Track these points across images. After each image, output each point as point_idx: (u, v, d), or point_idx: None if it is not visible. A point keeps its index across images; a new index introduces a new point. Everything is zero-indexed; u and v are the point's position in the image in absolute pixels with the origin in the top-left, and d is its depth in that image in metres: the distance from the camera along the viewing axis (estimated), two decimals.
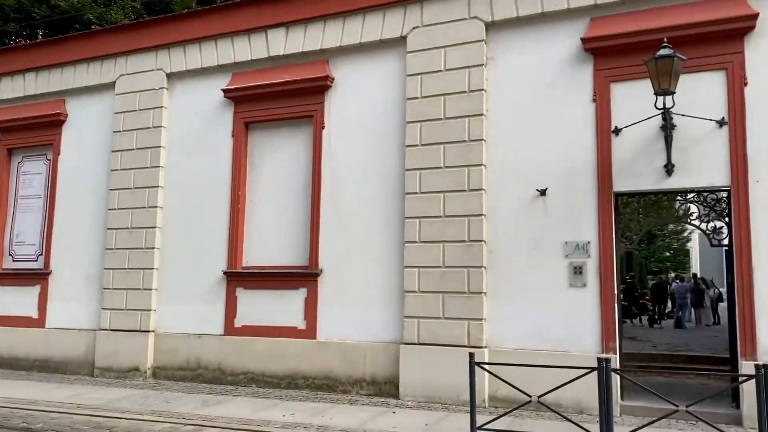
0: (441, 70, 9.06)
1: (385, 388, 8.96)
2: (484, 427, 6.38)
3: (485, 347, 8.39)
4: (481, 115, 8.77)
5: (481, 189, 8.66)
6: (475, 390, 6.45)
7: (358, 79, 9.81)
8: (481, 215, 8.62)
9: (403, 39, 9.41)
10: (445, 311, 8.63)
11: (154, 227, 10.88)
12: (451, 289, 8.64)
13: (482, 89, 8.80)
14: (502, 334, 8.43)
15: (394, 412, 8.02)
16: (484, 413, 7.48)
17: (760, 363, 5.74)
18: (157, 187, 10.96)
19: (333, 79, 9.93)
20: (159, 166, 11.01)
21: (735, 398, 7.55)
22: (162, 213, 10.98)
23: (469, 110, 8.82)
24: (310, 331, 9.55)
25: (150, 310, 10.71)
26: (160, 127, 11.10)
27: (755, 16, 7.51)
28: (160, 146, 11.05)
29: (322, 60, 10.07)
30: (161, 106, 11.16)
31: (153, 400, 8.89)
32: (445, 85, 9.00)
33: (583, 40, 8.30)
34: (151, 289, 10.76)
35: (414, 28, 9.31)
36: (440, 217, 8.82)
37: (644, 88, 7.67)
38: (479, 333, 8.42)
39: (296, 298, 9.71)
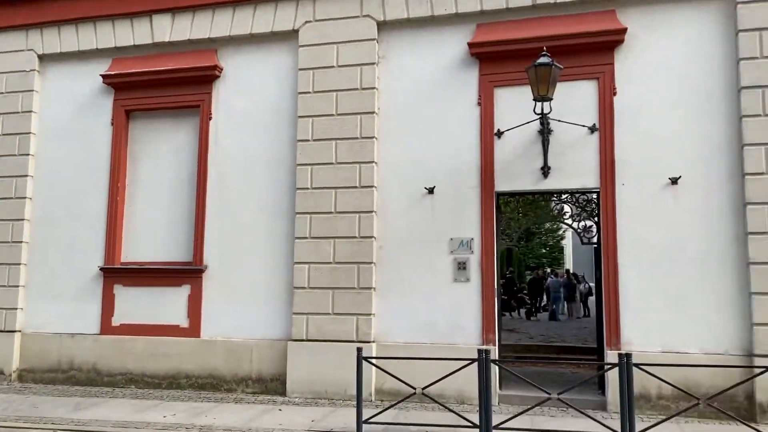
0: (333, 66, 9.06)
1: (271, 386, 8.86)
2: (370, 420, 6.50)
3: (373, 342, 8.51)
4: (373, 112, 8.86)
5: (372, 186, 8.76)
6: (362, 384, 6.55)
7: (248, 70, 9.60)
8: (371, 212, 8.72)
9: (295, 32, 9.32)
10: (334, 307, 8.66)
11: (22, 219, 10.08)
12: (341, 285, 8.68)
13: (374, 87, 8.90)
14: (390, 329, 8.59)
15: (280, 410, 7.95)
16: (371, 407, 7.60)
17: (623, 352, 6.23)
18: (26, 176, 10.16)
19: (221, 69, 9.65)
20: (28, 154, 10.20)
21: (601, 385, 8.15)
22: (31, 204, 10.19)
23: (361, 107, 8.89)
24: (193, 329, 9.25)
25: (16, 308, 9.92)
26: (30, 112, 10.29)
27: (624, 30, 8.12)
28: (30, 133, 10.24)
29: (210, 49, 9.75)
30: (32, 90, 10.34)
31: (18, 405, 8.24)
32: (338, 82, 9.01)
33: (470, 44, 8.61)
34: (18, 286, 9.96)
35: (306, 22, 9.24)
36: (331, 213, 8.83)
37: (525, 93, 8.06)
38: (368, 328, 8.52)
39: (179, 295, 9.37)
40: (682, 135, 7.92)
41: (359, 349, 6.63)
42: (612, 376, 7.27)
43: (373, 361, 7.37)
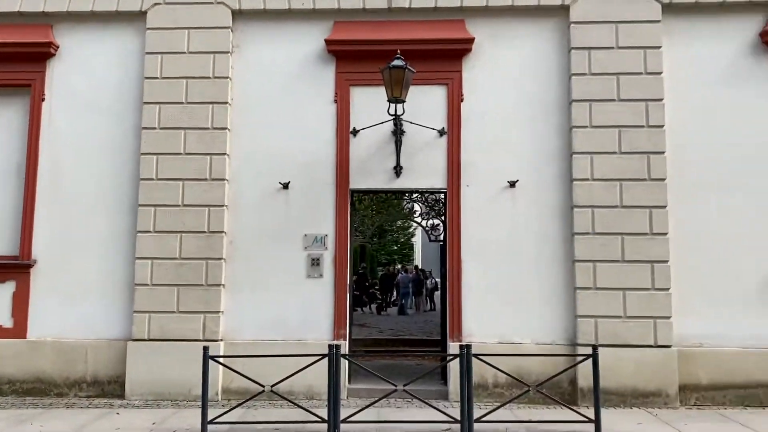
0: (184, 52, 8.66)
1: (109, 389, 8.30)
2: (215, 420, 6.32)
3: (221, 340, 8.26)
4: (226, 103, 8.60)
5: (223, 179, 8.50)
6: (208, 384, 6.35)
7: (89, 50, 8.88)
8: (222, 206, 8.46)
9: (143, 14, 8.77)
10: (180, 305, 8.29)
11: None
12: (187, 281, 8.32)
13: (227, 77, 8.63)
14: (240, 326, 8.39)
15: (118, 413, 7.47)
16: (217, 407, 7.37)
17: (464, 344, 6.58)
18: None
19: (57, 46, 8.85)
20: None
21: (444, 376, 8.55)
22: None
23: (213, 97, 8.58)
24: (18, 330, 8.41)
25: None
26: None
27: (471, 40, 8.57)
28: None
29: (45, 24, 8.90)
30: None
31: None
32: (188, 69, 8.62)
33: (327, 41, 8.63)
34: None
35: (155, 4, 8.74)
36: (178, 206, 8.44)
37: (380, 94, 8.23)
38: (215, 326, 8.26)
39: (2, 292, 8.48)
40: (521, 142, 8.52)
41: (205, 348, 6.41)
42: (454, 367, 7.66)
43: (221, 359, 7.16)
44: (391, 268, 25.42)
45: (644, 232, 8.09)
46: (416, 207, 9.03)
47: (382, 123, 8.42)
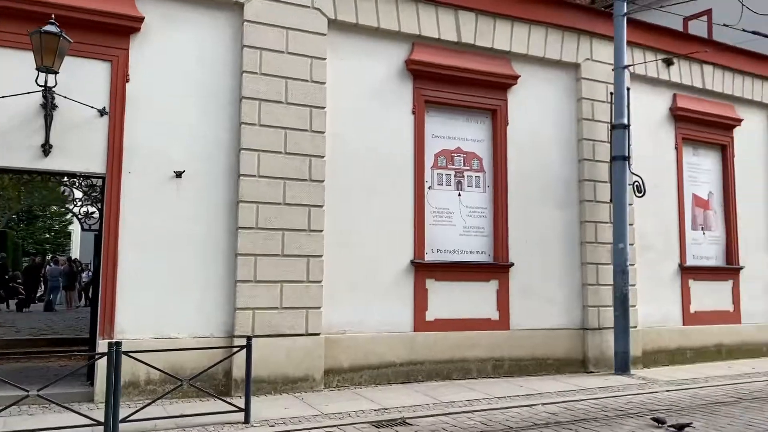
0: None
1: None
2: None
3: None
4: None
5: None
6: None
7: None
8: None
9: None
10: None
11: None
12: None
13: None
14: None
15: None
16: None
17: (114, 341, 6.18)
18: None
19: None
20: None
21: (90, 377, 7.89)
22: None
23: None
24: None
25: None
26: None
27: (141, 19, 8.05)
28: None
29: None
30: None
31: None
32: None
33: None
34: None
35: None
36: None
37: (28, 60, 7.22)
38: None
39: None
40: (191, 132, 8.32)
41: None
42: (102, 366, 7.11)
43: None
44: (38, 259, 22.55)
45: (303, 229, 8.65)
46: (75, 192, 8.16)
47: (29, 93, 7.38)
